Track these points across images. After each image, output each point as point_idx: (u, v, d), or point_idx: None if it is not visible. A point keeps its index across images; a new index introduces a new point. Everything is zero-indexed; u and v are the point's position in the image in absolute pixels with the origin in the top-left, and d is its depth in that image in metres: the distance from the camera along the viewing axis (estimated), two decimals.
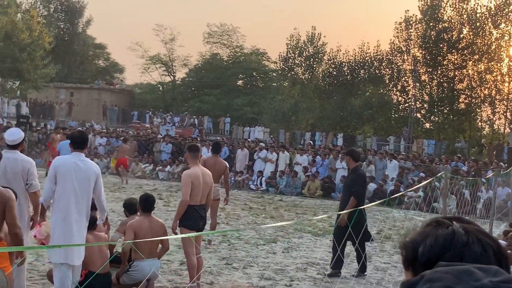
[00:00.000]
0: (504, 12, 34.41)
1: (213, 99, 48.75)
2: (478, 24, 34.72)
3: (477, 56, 35.00)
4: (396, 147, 32.40)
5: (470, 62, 35.56)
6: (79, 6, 56.48)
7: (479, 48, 34.74)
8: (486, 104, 35.63)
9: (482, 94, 35.37)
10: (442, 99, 36.03)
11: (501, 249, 1.26)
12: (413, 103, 36.29)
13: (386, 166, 22.04)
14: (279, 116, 39.03)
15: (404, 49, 36.95)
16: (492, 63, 34.86)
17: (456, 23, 35.37)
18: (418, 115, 37.51)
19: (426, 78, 36.90)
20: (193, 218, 7.19)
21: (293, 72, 40.82)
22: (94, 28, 72.11)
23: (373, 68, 37.71)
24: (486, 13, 34.73)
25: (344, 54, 38.80)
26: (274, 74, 50.34)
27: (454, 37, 35.17)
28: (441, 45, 35.36)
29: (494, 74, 35.05)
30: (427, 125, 38.51)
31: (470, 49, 34.93)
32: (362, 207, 8.25)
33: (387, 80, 37.83)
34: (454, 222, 1.31)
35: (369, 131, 38.71)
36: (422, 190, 18.14)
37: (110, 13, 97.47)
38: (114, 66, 62.03)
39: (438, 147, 32.29)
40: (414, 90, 36.62)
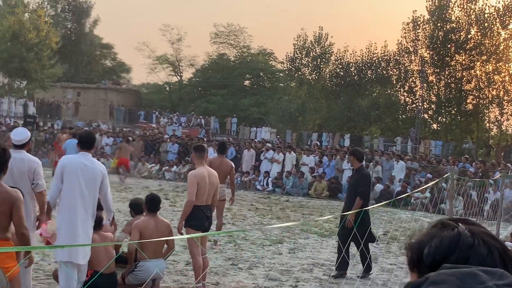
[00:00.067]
0: None
1: (219, 99, 48.77)
2: (486, 24, 34.58)
3: (485, 56, 34.85)
4: (403, 148, 32.32)
5: (478, 63, 35.42)
6: (86, 6, 56.68)
7: (487, 48, 34.59)
8: (494, 105, 35.47)
9: (490, 95, 35.22)
10: (450, 100, 35.91)
11: (507, 251, 1.24)
12: (420, 104, 36.18)
13: (393, 167, 21.98)
14: (286, 116, 39.00)
15: (411, 49, 36.84)
16: (500, 64, 34.73)
17: (464, 24, 35.24)
18: (426, 116, 37.39)
19: (434, 79, 36.77)
20: (199, 219, 7.18)
21: (300, 72, 40.78)
22: (101, 28, 72.54)
23: (380, 68, 37.61)
24: (494, 13, 34.59)
25: (351, 54, 38.78)
26: (281, 74, 50.33)
27: (462, 37, 35.04)
28: (449, 45, 35.23)
29: (502, 74, 34.91)
30: (435, 126, 38.37)
31: (478, 49, 34.78)
32: (366, 208, 8.23)
33: (395, 80, 37.74)
34: (460, 224, 1.30)
35: (376, 132, 38.63)
36: (429, 191, 18.08)
37: (117, 13, 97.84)
38: (121, 66, 62.18)
39: (445, 148, 32.19)
40: (421, 91, 36.50)
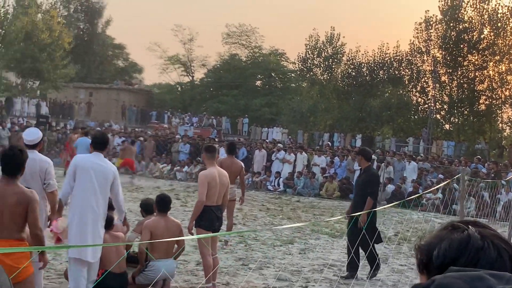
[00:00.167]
0: None
1: (231, 100, 48.80)
2: (499, 24, 34.35)
3: (498, 57, 34.62)
4: (415, 149, 32.19)
5: (491, 63, 35.20)
6: (99, 7, 56.96)
7: (500, 48, 34.36)
8: (507, 105, 35.23)
9: (503, 95, 34.97)
10: (462, 100, 35.70)
11: None
12: (432, 104, 36.00)
13: (404, 168, 21.88)
14: (298, 116, 38.97)
15: (424, 49, 36.67)
16: None
17: (476, 24, 35.01)
18: (438, 116, 37.20)
19: (446, 79, 36.57)
20: (209, 219, 7.19)
21: (311, 72, 40.72)
22: (113, 28, 72.86)
23: (392, 68, 37.47)
24: (507, 13, 34.35)
25: (363, 54, 38.68)
26: (292, 74, 50.31)
27: (475, 37, 34.81)
28: (461, 45, 35.02)
29: None
30: (447, 126, 38.17)
31: (491, 49, 34.56)
32: (377, 209, 8.20)
33: (407, 81, 37.59)
34: (470, 226, 1.29)
35: (388, 132, 38.51)
36: (440, 192, 17.98)
37: (129, 13, 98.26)
38: (133, 66, 62.42)
39: (457, 149, 32.02)
40: (433, 91, 36.33)
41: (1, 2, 36.91)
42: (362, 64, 38.37)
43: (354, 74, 38.35)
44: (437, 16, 36.22)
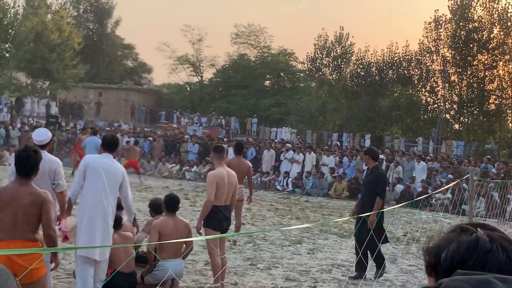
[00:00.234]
0: None
1: (240, 100, 48.81)
2: (509, 23, 34.14)
3: (508, 56, 34.41)
4: (424, 148, 32.07)
5: (501, 63, 34.99)
6: (108, 7, 57.08)
7: (510, 48, 34.14)
8: None
9: None
10: (472, 100, 35.50)
11: None
12: (442, 104, 35.84)
13: (413, 168, 21.81)
14: (306, 116, 38.91)
15: (433, 49, 36.51)
16: None
17: (486, 23, 34.81)
18: (447, 116, 37.02)
19: (456, 79, 36.38)
20: (217, 219, 7.20)
21: (320, 72, 40.63)
22: (122, 28, 73.04)
23: (401, 68, 37.34)
24: None
25: (372, 54, 38.51)
26: (301, 74, 50.23)
27: (485, 37, 34.62)
28: (471, 45, 34.83)
29: None
30: (456, 126, 37.96)
31: (500, 49, 34.35)
32: (385, 209, 8.18)
33: (416, 80, 37.44)
34: (478, 229, 1.28)
35: (397, 132, 38.37)
36: (450, 192, 17.91)
37: (138, 14, 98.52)
38: (142, 66, 62.55)
39: (467, 149, 31.87)
40: (443, 91, 36.15)
41: (11, 3, 37.05)
42: (371, 63, 38.25)
43: (363, 73, 38.24)
44: (446, 15, 36.09)
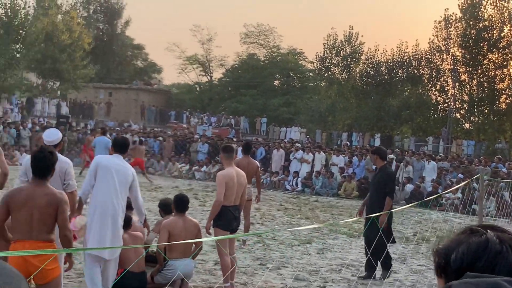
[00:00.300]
0: None
1: (249, 99, 48.83)
2: None
3: None
4: (434, 148, 31.94)
5: (511, 62, 34.76)
6: (118, 7, 57.26)
7: None
8: None
9: None
10: (482, 99, 35.31)
11: None
12: (452, 103, 35.66)
13: (424, 167, 21.73)
14: (316, 116, 38.85)
15: (443, 48, 36.33)
16: None
17: (496, 22, 34.59)
18: (458, 115, 36.84)
19: (466, 78, 36.19)
20: (227, 219, 7.21)
21: (330, 72, 40.54)
22: (132, 29, 73.26)
23: (411, 67, 37.18)
24: None
25: (382, 53, 38.38)
26: (311, 74, 50.14)
27: (495, 36, 34.40)
28: (481, 44, 34.64)
29: None
30: (467, 125, 37.77)
31: (511, 48, 34.13)
32: (395, 210, 8.16)
33: (426, 79, 37.27)
34: (488, 231, 1.28)
35: (407, 132, 38.24)
36: (460, 192, 17.83)
37: (148, 14, 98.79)
38: (152, 66, 62.70)
39: (477, 148, 31.71)
40: (453, 90, 35.97)
41: (21, 4, 37.25)
42: (381, 63, 38.12)
43: (372, 73, 38.12)
44: (456, 14, 35.90)
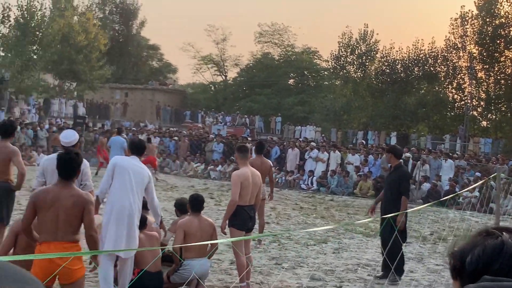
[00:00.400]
0: None
1: (264, 99, 48.83)
2: None
3: None
4: (451, 146, 31.73)
5: None
6: (133, 8, 57.49)
7: None
8: None
9: None
10: (500, 97, 35.02)
11: None
12: (469, 101, 35.42)
13: (441, 166, 21.58)
14: (331, 115, 38.76)
15: (459, 45, 36.09)
16: None
17: None
18: (475, 113, 36.57)
19: (483, 75, 35.93)
20: (242, 218, 7.22)
21: (345, 70, 40.44)
22: (147, 29, 73.35)
23: (427, 65, 36.98)
24: None
25: (397, 51, 38.25)
26: (325, 72, 50.02)
27: None
28: (498, 41, 34.35)
29: None
30: (484, 123, 37.48)
31: None
32: (411, 210, 8.11)
33: (442, 77, 37.05)
34: (504, 233, 1.27)
35: (423, 130, 38.02)
36: (477, 190, 17.68)
37: (163, 14, 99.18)
38: (167, 66, 62.90)
39: (495, 146, 31.45)
40: (470, 88, 35.72)
41: (38, 6, 37.58)
42: (397, 61, 37.94)
43: (388, 71, 37.95)
44: (473, 11, 35.65)
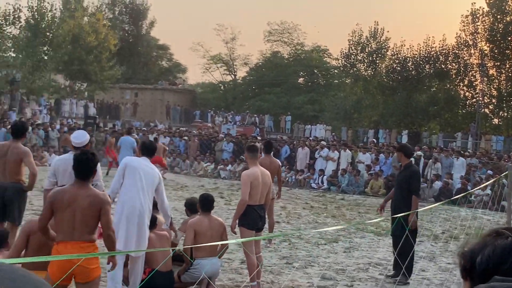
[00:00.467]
0: None
1: (273, 98, 48.82)
2: None
3: None
4: (463, 144, 31.57)
5: None
6: (143, 8, 57.68)
7: None
8: None
9: None
10: (511, 94, 34.76)
11: None
12: (480, 98, 35.20)
13: (452, 164, 21.46)
14: (341, 113, 38.69)
15: (471, 42, 35.88)
16: None
17: None
18: (486, 111, 36.36)
19: (494, 72, 35.70)
20: (252, 218, 7.22)
21: (355, 68, 40.32)
22: (157, 29, 73.66)
23: (438, 63, 36.77)
24: None
25: (408, 49, 38.04)
26: (335, 71, 49.91)
27: None
28: (509, 38, 34.12)
29: None
30: (496, 120, 37.27)
31: None
32: (423, 209, 8.08)
33: (454, 75, 36.84)
34: None
35: (435, 128, 37.85)
36: (489, 188, 17.57)
37: (172, 14, 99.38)
38: (176, 66, 63.04)
39: (507, 144, 31.26)
40: (481, 85, 35.51)
41: (48, 7, 37.79)
42: (408, 58, 37.76)
43: (399, 69, 37.78)
44: (483, 8, 35.43)
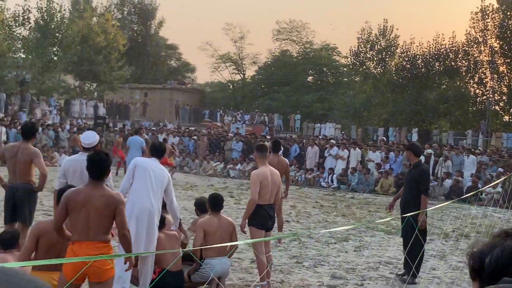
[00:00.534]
0: None
1: (282, 96, 48.76)
2: None
3: None
4: (474, 142, 31.40)
5: None
6: (151, 8, 57.81)
7: None
8: None
9: None
10: None
11: None
12: (491, 96, 35.00)
13: (463, 162, 21.35)
14: (351, 111, 38.60)
15: (480, 39, 35.66)
16: None
17: None
18: (497, 108, 36.14)
19: (505, 69, 35.47)
20: (261, 217, 7.23)
21: (364, 66, 40.20)
22: (166, 29, 73.74)
23: (448, 60, 36.59)
24: None
25: (418, 46, 37.87)
26: (345, 69, 49.77)
27: None
28: None
29: None
30: (506, 117, 37.02)
31: None
32: (431, 208, 8.05)
33: (464, 72, 36.64)
34: None
35: (445, 126, 37.67)
36: (500, 186, 17.47)
37: (181, 14, 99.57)
38: (185, 66, 63.13)
39: None
40: (492, 82, 35.31)
41: (57, 7, 37.95)
42: (417, 56, 37.59)
43: (408, 66, 37.63)
44: (493, 5, 35.20)
